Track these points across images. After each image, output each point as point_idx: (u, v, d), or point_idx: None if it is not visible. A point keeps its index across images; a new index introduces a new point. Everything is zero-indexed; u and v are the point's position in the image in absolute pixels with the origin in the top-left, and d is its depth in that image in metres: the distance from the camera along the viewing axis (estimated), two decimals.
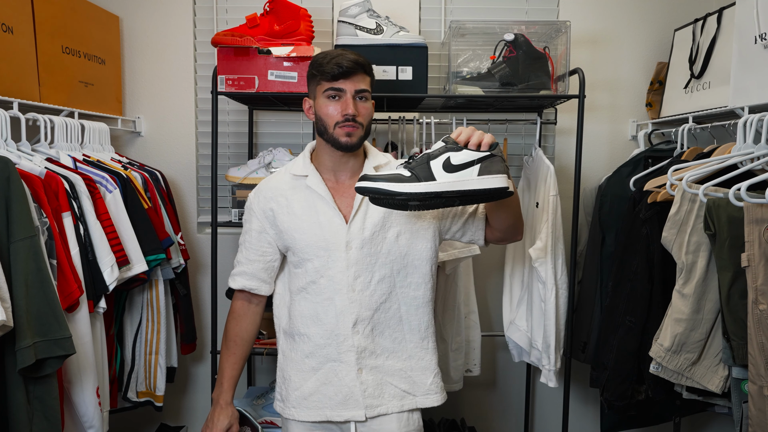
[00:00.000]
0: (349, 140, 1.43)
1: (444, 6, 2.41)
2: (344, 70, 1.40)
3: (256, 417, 2.09)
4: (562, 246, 2.05)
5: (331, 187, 1.50)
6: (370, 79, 1.48)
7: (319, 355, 1.48)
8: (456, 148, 1.25)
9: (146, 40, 2.43)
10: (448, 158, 1.24)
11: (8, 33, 1.71)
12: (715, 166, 1.61)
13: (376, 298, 1.46)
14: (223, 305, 2.30)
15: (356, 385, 1.46)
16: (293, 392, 1.51)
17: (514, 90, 1.99)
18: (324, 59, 1.44)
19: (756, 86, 1.67)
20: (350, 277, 1.45)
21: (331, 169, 1.51)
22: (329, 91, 1.43)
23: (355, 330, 1.45)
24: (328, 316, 1.47)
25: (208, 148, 2.43)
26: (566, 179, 2.36)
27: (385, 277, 1.47)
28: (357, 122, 1.43)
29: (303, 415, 1.49)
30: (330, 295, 1.46)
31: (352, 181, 1.50)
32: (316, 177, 1.49)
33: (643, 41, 2.41)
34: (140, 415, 2.41)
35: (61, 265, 1.51)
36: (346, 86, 1.42)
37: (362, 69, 1.44)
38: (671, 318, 1.61)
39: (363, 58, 1.45)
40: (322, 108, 1.45)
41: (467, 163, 1.23)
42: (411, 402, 1.49)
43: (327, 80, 1.43)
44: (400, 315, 1.49)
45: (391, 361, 1.49)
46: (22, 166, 1.55)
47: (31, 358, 1.34)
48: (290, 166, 1.56)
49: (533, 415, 2.54)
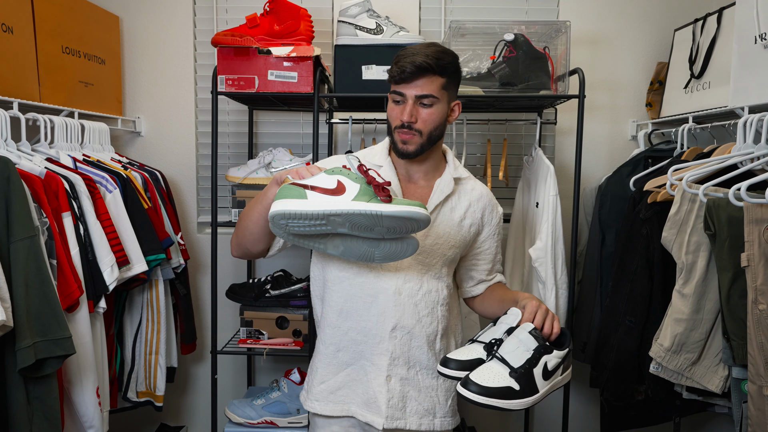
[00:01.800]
0: (404, 147, 1.39)
1: (444, 6, 2.41)
2: (406, 75, 1.34)
3: (256, 417, 2.09)
4: (562, 246, 2.05)
5: (403, 186, 1.46)
6: (445, 79, 1.37)
7: (353, 351, 1.45)
8: (547, 349, 1.23)
9: (146, 40, 2.43)
10: (545, 365, 1.23)
11: (8, 33, 1.71)
12: (715, 166, 1.61)
13: (420, 309, 1.43)
14: (223, 305, 2.31)
15: (382, 392, 1.42)
16: (318, 385, 1.48)
17: (514, 90, 1.99)
18: (397, 58, 1.37)
19: (756, 86, 1.66)
20: (399, 280, 1.42)
21: (404, 166, 1.47)
22: (393, 94, 1.39)
23: (393, 335, 1.42)
24: (369, 314, 1.42)
25: (208, 148, 2.43)
26: (566, 179, 2.36)
27: (432, 291, 1.45)
28: (414, 129, 1.37)
29: (326, 408, 1.46)
30: (373, 292, 1.42)
31: (426, 182, 1.47)
32: (390, 169, 1.46)
33: (643, 41, 2.41)
34: (140, 415, 2.41)
35: (61, 265, 1.51)
36: (406, 91, 1.36)
37: (430, 71, 1.34)
38: (671, 318, 1.61)
39: (435, 59, 1.33)
40: (389, 109, 1.42)
41: (557, 366, 1.25)
42: (429, 422, 1.46)
43: (392, 83, 1.38)
44: (438, 331, 1.47)
45: (422, 376, 1.46)
46: (22, 166, 1.55)
47: (31, 358, 1.34)
48: (366, 152, 1.52)
49: (533, 415, 2.54)
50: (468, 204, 1.48)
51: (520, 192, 2.26)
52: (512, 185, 2.38)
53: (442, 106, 1.39)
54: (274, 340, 2.13)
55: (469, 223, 1.48)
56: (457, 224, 1.46)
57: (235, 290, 2.19)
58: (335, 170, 1.21)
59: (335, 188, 1.18)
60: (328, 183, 1.19)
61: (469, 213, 1.48)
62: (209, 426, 2.18)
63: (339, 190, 1.18)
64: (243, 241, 1.43)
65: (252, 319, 2.14)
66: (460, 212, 1.47)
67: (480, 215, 1.49)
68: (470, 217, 1.48)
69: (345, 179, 1.19)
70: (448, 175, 1.47)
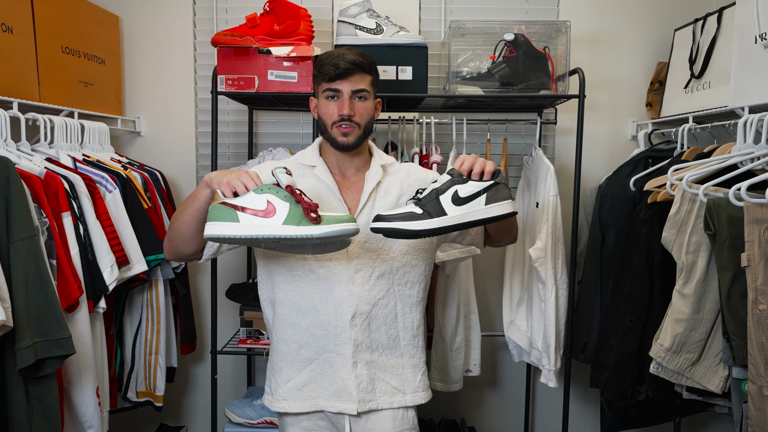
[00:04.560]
0: (345, 140, 1.46)
1: (444, 6, 2.41)
2: (341, 71, 1.42)
3: (255, 417, 2.09)
4: (562, 246, 2.05)
5: (338, 181, 1.52)
6: (372, 78, 1.49)
7: (315, 346, 1.48)
8: (461, 180, 1.32)
9: (146, 40, 2.43)
10: (456, 192, 1.31)
11: (8, 33, 1.71)
12: (715, 166, 1.61)
13: (375, 293, 1.47)
14: (223, 305, 2.31)
15: (351, 379, 1.46)
16: (284, 384, 1.50)
17: (514, 90, 1.99)
18: (324, 59, 1.46)
19: (756, 86, 1.66)
20: (351, 270, 1.46)
21: (336, 164, 1.53)
22: (327, 91, 1.46)
23: (353, 323, 1.46)
24: (326, 307, 1.46)
25: (208, 148, 2.42)
26: (566, 179, 2.36)
27: (385, 273, 1.48)
28: (353, 122, 1.45)
29: (295, 406, 1.48)
30: (328, 286, 1.46)
31: (357, 176, 1.53)
32: (323, 168, 1.51)
33: (643, 41, 2.41)
34: (140, 415, 2.41)
35: (61, 265, 1.51)
36: (342, 87, 1.44)
37: (361, 69, 1.45)
38: (671, 318, 1.61)
39: (363, 58, 1.46)
40: (322, 108, 1.48)
41: (474, 195, 1.31)
42: (401, 399, 1.50)
43: (326, 81, 1.45)
44: (396, 312, 1.50)
45: (385, 357, 1.50)
46: (21, 166, 1.55)
47: (31, 358, 1.34)
48: (299, 156, 1.57)
49: (533, 415, 2.54)
50: (400, 182, 1.54)
51: (520, 192, 2.26)
52: (512, 185, 2.38)
53: (372, 102, 1.50)
54: None
55: (406, 198, 1.51)
56: (395, 203, 1.51)
57: (235, 290, 2.19)
58: (264, 188, 1.24)
59: (265, 209, 1.22)
60: (258, 204, 1.23)
61: (405, 188, 1.53)
62: (209, 426, 2.18)
63: (269, 211, 1.22)
64: (174, 243, 1.45)
65: (252, 319, 2.14)
66: (395, 192, 1.52)
67: (416, 186, 1.52)
68: (407, 192, 1.52)
69: (275, 199, 1.23)
70: (375, 164, 1.54)
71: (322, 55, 1.51)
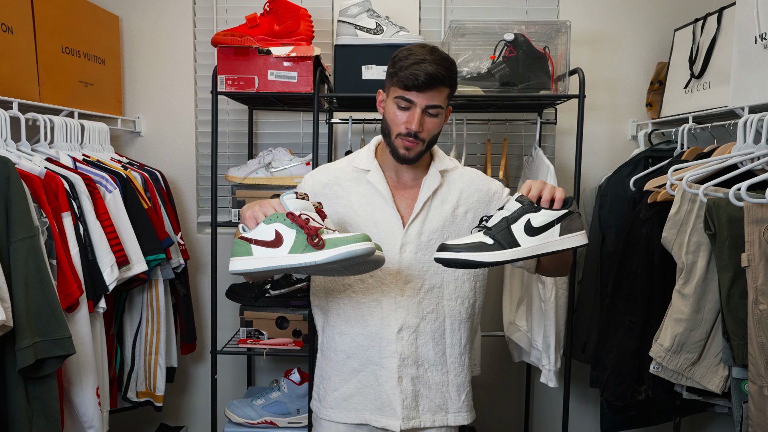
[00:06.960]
0: (406, 154, 1.38)
1: (444, 6, 2.41)
2: (420, 83, 1.31)
3: (256, 417, 2.09)
4: None
5: (392, 186, 1.46)
6: (450, 90, 1.37)
7: (362, 357, 1.45)
8: (533, 208, 1.23)
9: (146, 40, 2.43)
10: (528, 221, 1.22)
11: (8, 33, 1.71)
12: (715, 166, 1.61)
13: (423, 306, 1.43)
14: (223, 305, 2.31)
15: (396, 394, 1.42)
16: (332, 392, 1.48)
17: (514, 90, 1.99)
18: (405, 62, 1.33)
19: (756, 86, 1.66)
20: (400, 281, 1.42)
21: (392, 167, 1.46)
22: (399, 99, 1.35)
23: (400, 336, 1.42)
24: (373, 318, 1.43)
25: (208, 148, 2.43)
26: (566, 179, 2.35)
27: (435, 286, 1.44)
28: (419, 138, 1.36)
29: (341, 416, 1.46)
30: (377, 296, 1.42)
31: (415, 182, 1.47)
32: (378, 173, 1.45)
33: (643, 41, 2.41)
34: (140, 415, 2.41)
35: (61, 265, 1.51)
36: (417, 99, 1.33)
37: (440, 83, 1.33)
38: (671, 318, 1.61)
39: (445, 69, 1.33)
40: (390, 112, 1.38)
41: (548, 224, 1.23)
42: (443, 418, 1.46)
43: (400, 87, 1.34)
44: (444, 328, 1.46)
45: (431, 373, 1.46)
46: (21, 166, 1.55)
47: (31, 358, 1.34)
48: (353, 158, 1.51)
49: (533, 415, 2.54)
50: (459, 192, 1.47)
51: None
52: (512, 185, 2.38)
53: (443, 116, 1.40)
54: (274, 340, 2.13)
55: (464, 210, 1.47)
56: (450, 214, 1.45)
57: (235, 290, 2.19)
58: (272, 218, 1.22)
59: (274, 240, 1.21)
60: (266, 235, 1.21)
61: (463, 200, 1.47)
62: (209, 426, 2.18)
63: (277, 241, 1.20)
64: None
65: (252, 319, 2.14)
66: (452, 202, 1.46)
67: (476, 198, 1.48)
68: (464, 203, 1.47)
69: (282, 227, 1.21)
70: (434, 169, 1.47)
71: (401, 52, 1.36)
